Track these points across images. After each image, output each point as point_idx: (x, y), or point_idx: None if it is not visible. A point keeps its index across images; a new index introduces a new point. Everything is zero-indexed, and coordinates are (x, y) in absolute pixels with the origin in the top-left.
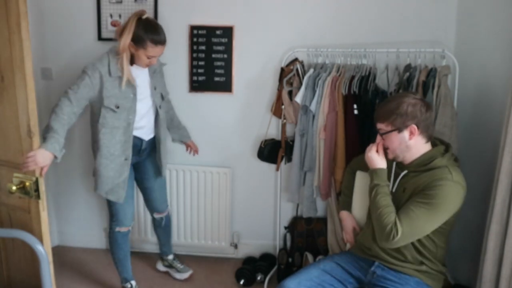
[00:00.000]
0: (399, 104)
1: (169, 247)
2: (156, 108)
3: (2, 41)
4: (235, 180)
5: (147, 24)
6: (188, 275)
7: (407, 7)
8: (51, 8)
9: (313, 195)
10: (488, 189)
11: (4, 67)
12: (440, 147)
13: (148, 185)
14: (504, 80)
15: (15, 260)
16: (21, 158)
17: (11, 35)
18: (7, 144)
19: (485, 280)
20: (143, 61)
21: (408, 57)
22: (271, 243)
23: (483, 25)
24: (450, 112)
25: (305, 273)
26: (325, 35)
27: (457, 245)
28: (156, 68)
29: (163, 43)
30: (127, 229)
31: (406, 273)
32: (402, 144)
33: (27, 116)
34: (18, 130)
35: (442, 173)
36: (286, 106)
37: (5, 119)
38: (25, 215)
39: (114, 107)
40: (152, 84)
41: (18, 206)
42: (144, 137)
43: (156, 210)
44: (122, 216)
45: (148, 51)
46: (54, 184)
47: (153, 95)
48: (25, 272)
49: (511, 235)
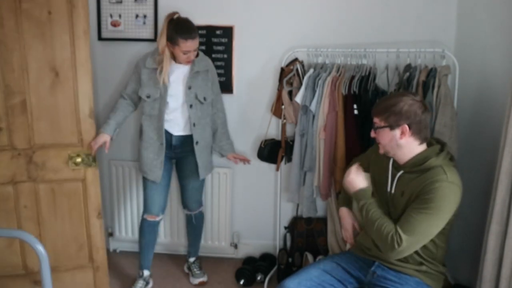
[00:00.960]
0: (396, 103)
1: (194, 248)
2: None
3: (61, 44)
4: (235, 180)
5: (177, 23)
6: (198, 282)
7: (407, 7)
8: None
9: (313, 195)
10: (488, 189)
11: (60, 66)
12: (435, 146)
13: (182, 183)
14: (504, 80)
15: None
16: (86, 138)
17: (76, 40)
18: (58, 129)
19: (485, 280)
20: (181, 57)
21: (408, 57)
22: (271, 243)
23: (483, 25)
24: (450, 112)
25: (305, 273)
26: (325, 35)
27: (457, 245)
28: (200, 70)
29: (193, 38)
30: (153, 218)
31: (406, 273)
32: (392, 141)
33: (89, 102)
34: (77, 114)
35: (437, 174)
36: (286, 106)
37: (56, 109)
38: (78, 184)
39: (145, 96)
40: (187, 83)
41: (71, 178)
42: (172, 131)
43: (186, 207)
44: (150, 203)
45: (181, 47)
46: None
47: (186, 93)
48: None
49: (511, 235)
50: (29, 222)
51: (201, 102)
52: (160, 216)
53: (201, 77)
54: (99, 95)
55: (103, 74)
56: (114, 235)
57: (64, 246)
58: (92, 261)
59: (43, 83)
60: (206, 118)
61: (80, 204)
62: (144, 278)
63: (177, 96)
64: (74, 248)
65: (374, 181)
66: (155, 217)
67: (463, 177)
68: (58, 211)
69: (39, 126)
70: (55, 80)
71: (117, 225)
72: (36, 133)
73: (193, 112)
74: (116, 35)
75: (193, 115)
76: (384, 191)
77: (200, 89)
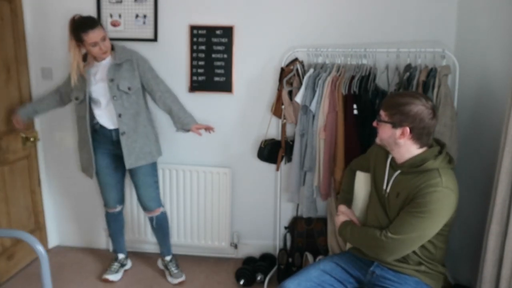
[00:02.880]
0: (407, 103)
1: (166, 248)
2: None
3: (9, 44)
4: (235, 180)
5: (75, 21)
6: (178, 282)
7: (407, 7)
8: (51, 8)
9: (313, 195)
10: (488, 189)
11: (10, 63)
12: (434, 148)
13: (133, 181)
14: (504, 80)
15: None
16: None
17: (17, 43)
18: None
19: (485, 280)
20: (94, 51)
21: (408, 57)
22: (271, 243)
23: (483, 25)
24: (450, 112)
25: (305, 273)
26: (325, 35)
27: (457, 245)
28: (122, 61)
29: (92, 27)
30: (112, 210)
31: (405, 273)
32: (391, 138)
33: (29, 92)
34: (22, 102)
35: (432, 178)
36: (286, 106)
37: (9, 99)
38: (26, 162)
39: (74, 99)
40: (108, 75)
41: (23, 156)
42: (107, 125)
43: (144, 208)
44: (105, 198)
45: (86, 41)
46: (54, 184)
47: (109, 86)
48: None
49: (511, 235)
50: (0, 202)
51: (126, 92)
52: (118, 207)
53: (124, 68)
54: None
55: None
56: None
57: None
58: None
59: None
60: (135, 108)
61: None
62: (119, 260)
63: (105, 91)
64: (25, 215)
65: (374, 180)
66: (113, 209)
67: (463, 177)
68: (16, 186)
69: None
70: (7, 75)
71: None
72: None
73: (118, 104)
74: (116, 35)
75: (118, 106)
76: (382, 190)
77: (123, 79)
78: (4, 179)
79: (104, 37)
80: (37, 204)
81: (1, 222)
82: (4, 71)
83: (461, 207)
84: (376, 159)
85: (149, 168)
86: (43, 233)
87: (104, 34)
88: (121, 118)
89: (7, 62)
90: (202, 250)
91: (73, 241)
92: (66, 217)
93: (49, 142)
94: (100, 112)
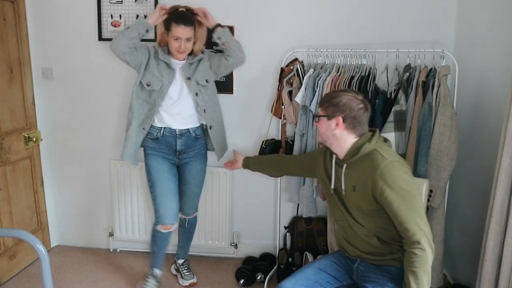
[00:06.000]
0: (337, 96)
1: (184, 251)
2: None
3: (12, 45)
4: (235, 180)
5: (176, 12)
6: (188, 283)
7: (407, 7)
8: (52, 8)
9: (313, 195)
10: (488, 189)
11: (13, 63)
12: (367, 134)
13: (182, 188)
14: (503, 80)
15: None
16: (32, 122)
17: (19, 43)
18: (14, 115)
19: (484, 280)
20: (173, 45)
21: (407, 57)
22: (271, 243)
23: (483, 25)
24: (450, 112)
25: (301, 273)
26: (325, 35)
27: (457, 245)
28: (194, 61)
29: (186, 24)
30: (167, 229)
31: (385, 264)
32: (328, 130)
33: (32, 92)
34: (25, 102)
35: (376, 159)
36: (286, 106)
37: (12, 100)
38: (28, 162)
39: (145, 84)
40: (184, 75)
41: (25, 156)
42: (177, 126)
43: (182, 211)
44: (164, 212)
45: (172, 32)
46: (55, 184)
47: (187, 84)
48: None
49: (510, 235)
50: (3, 202)
51: (204, 86)
52: (175, 224)
53: (199, 64)
54: (99, 95)
55: (103, 74)
56: (114, 235)
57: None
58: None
59: (3, 78)
60: (214, 99)
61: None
62: (155, 276)
63: (179, 90)
64: (28, 215)
65: (327, 182)
66: (169, 227)
67: (462, 177)
68: (19, 186)
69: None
70: (10, 75)
71: (117, 225)
72: (2, 122)
73: (200, 99)
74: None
75: (200, 102)
76: (340, 189)
77: (199, 74)
78: (7, 179)
79: (189, 39)
80: (40, 204)
81: (4, 222)
82: (8, 71)
83: (460, 207)
84: (324, 165)
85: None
86: (45, 233)
87: (191, 36)
88: (206, 113)
89: (10, 62)
90: (202, 250)
91: (74, 241)
92: (68, 217)
93: (52, 142)
94: (174, 111)
